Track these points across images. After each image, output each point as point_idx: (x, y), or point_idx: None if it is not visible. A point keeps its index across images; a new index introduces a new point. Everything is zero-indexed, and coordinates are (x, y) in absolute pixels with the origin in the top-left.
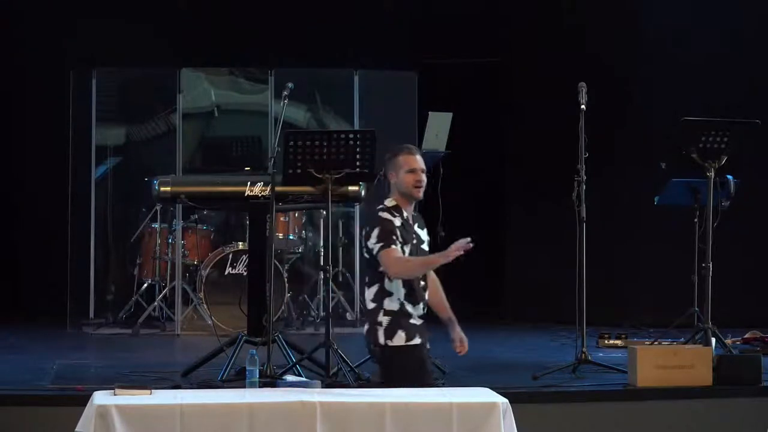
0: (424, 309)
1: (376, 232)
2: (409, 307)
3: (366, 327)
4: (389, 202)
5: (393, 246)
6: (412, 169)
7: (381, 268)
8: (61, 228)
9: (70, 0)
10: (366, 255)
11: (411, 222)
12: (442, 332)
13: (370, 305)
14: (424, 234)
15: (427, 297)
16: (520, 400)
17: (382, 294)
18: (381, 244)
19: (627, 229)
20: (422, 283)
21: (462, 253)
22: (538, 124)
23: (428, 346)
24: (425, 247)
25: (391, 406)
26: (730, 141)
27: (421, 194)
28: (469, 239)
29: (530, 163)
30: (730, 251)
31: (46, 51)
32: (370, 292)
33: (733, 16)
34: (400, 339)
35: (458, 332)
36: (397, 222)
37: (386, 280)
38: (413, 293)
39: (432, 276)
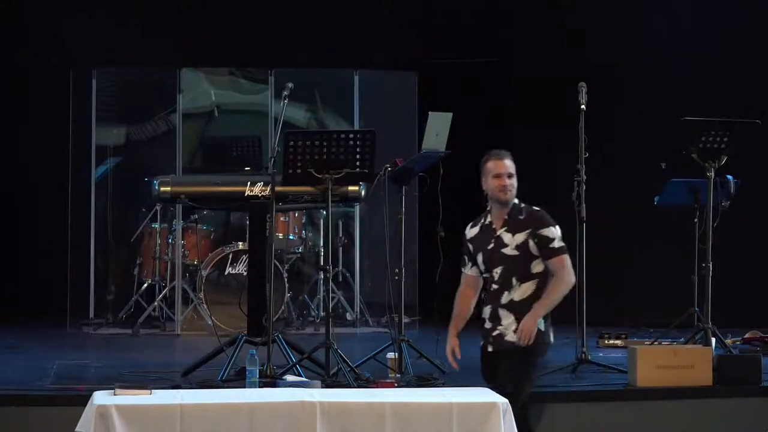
0: (493, 313)
1: None
2: (483, 313)
3: None
4: (488, 208)
5: (462, 269)
6: (497, 174)
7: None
8: (61, 228)
9: (70, 0)
10: None
11: (495, 226)
12: (444, 333)
13: None
14: (510, 238)
15: (502, 301)
16: None
17: None
18: None
19: (627, 229)
20: (494, 287)
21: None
22: (538, 124)
23: (490, 349)
24: (507, 251)
25: (391, 406)
26: (730, 141)
27: (507, 197)
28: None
29: (530, 163)
30: (730, 251)
31: (46, 51)
32: None
33: (733, 16)
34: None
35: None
36: (473, 232)
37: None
38: (484, 297)
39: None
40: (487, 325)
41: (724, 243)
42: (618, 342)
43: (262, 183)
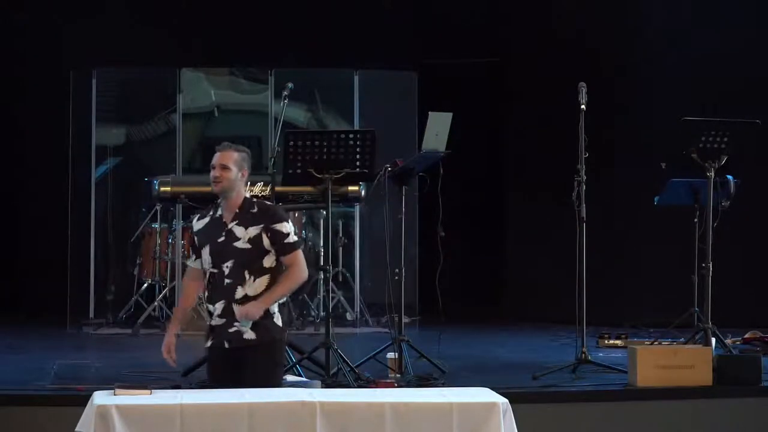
0: (226, 309)
1: None
2: (209, 306)
3: None
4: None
5: (186, 261)
6: (212, 165)
7: None
8: (61, 228)
9: (70, 0)
10: None
11: (225, 219)
12: (444, 333)
13: None
14: (242, 231)
15: (236, 296)
16: (520, 400)
17: None
18: None
19: (627, 229)
20: (228, 281)
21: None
22: (538, 124)
23: (227, 345)
24: (240, 244)
25: (391, 406)
26: (730, 141)
27: (216, 188)
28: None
29: (530, 163)
30: (730, 251)
31: (46, 51)
32: None
33: (733, 16)
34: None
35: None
36: (200, 224)
37: None
38: (211, 292)
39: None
40: (219, 321)
41: (724, 243)
42: (618, 342)
43: (262, 183)
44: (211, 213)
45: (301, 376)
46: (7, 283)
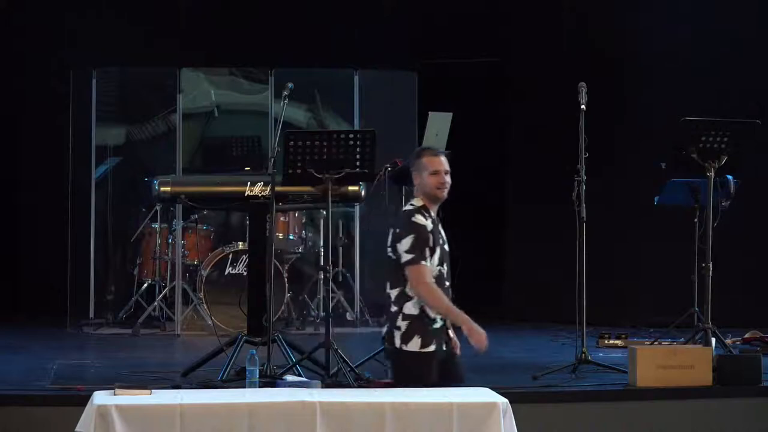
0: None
1: (410, 239)
2: (431, 312)
3: (386, 327)
4: (417, 202)
5: (423, 262)
6: (435, 171)
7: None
8: (61, 228)
9: (70, 0)
10: (392, 255)
11: (437, 222)
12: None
13: (393, 307)
14: (445, 236)
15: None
16: (520, 400)
17: (404, 298)
18: (412, 255)
19: (627, 229)
20: (447, 283)
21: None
22: (538, 124)
23: (455, 351)
24: (447, 248)
25: (391, 406)
26: (730, 141)
27: (444, 194)
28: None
29: (530, 163)
30: (730, 251)
31: (46, 51)
32: (392, 293)
33: (733, 17)
34: (415, 345)
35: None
36: (430, 225)
37: (408, 285)
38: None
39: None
40: (441, 324)
41: (724, 243)
42: (618, 342)
43: (262, 183)
44: (427, 214)
45: (301, 376)
46: (7, 283)
